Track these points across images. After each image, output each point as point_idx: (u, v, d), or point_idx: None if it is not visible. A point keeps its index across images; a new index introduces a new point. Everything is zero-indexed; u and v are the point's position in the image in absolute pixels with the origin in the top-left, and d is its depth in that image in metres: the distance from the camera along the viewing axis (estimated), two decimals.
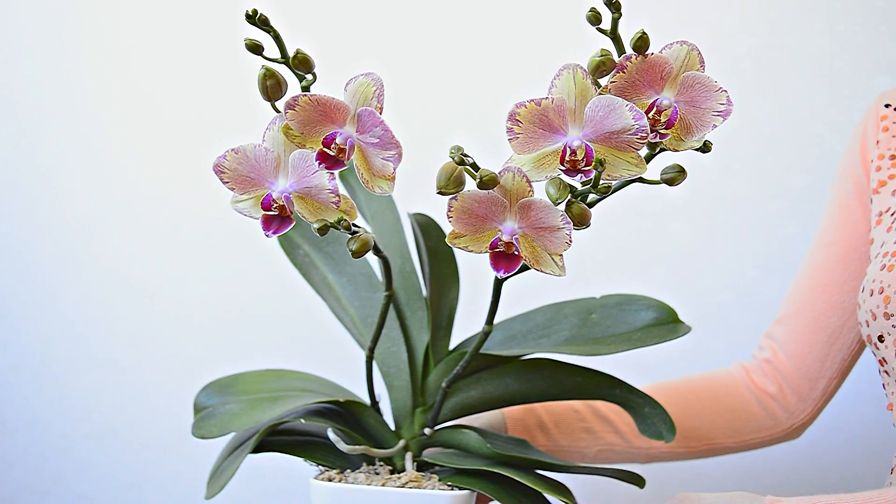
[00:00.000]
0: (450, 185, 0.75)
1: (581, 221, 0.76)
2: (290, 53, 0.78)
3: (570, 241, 0.75)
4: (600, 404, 1.10)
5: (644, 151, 0.76)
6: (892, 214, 0.99)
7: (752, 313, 1.39)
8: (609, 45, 0.76)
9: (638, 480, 0.97)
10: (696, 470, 1.41)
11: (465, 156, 0.75)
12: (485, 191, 0.76)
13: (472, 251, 0.79)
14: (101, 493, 1.50)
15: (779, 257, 1.41)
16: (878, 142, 1.05)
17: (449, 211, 0.77)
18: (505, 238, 0.76)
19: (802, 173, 1.41)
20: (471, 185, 0.77)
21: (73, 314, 1.50)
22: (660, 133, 0.75)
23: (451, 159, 0.75)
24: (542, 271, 0.79)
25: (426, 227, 1.05)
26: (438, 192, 0.75)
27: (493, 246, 0.77)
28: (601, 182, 0.75)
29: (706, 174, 1.43)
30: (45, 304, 1.50)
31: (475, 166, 0.75)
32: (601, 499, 1.36)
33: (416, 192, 1.12)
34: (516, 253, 0.77)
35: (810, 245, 1.12)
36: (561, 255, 0.78)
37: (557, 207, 0.75)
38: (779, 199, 1.42)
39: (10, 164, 1.50)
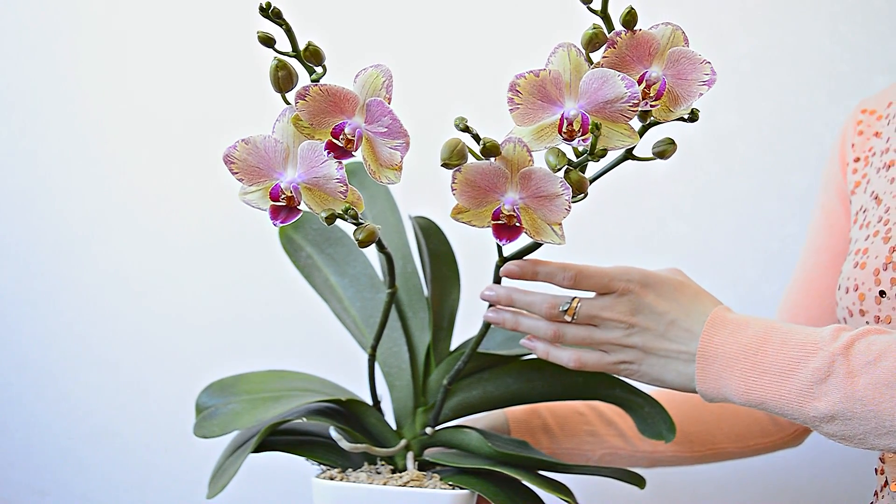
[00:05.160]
0: (453, 157, 0.78)
1: (579, 188, 0.79)
2: (302, 46, 0.79)
3: (569, 209, 0.78)
4: (604, 407, 1.10)
5: (637, 125, 0.80)
6: (865, 212, 1.00)
7: (752, 313, 1.39)
8: (601, 24, 0.79)
9: (638, 481, 0.97)
10: (697, 472, 1.41)
11: (469, 126, 0.78)
12: (487, 162, 0.79)
13: (474, 225, 0.82)
14: (101, 493, 1.50)
15: (779, 257, 1.41)
16: (853, 145, 1.07)
17: (453, 183, 0.79)
18: (507, 208, 0.79)
19: (802, 173, 1.41)
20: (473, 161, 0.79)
21: (73, 314, 1.50)
22: (649, 103, 0.80)
23: (455, 127, 0.78)
24: (542, 241, 0.81)
25: (427, 230, 1.05)
26: (442, 165, 0.78)
27: (495, 216, 0.80)
28: (597, 148, 0.78)
29: (706, 174, 1.43)
30: (45, 304, 1.50)
31: (477, 137, 0.78)
32: (602, 499, 1.37)
33: (417, 196, 1.12)
34: (518, 224, 0.79)
35: (801, 252, 1.13)
36: (560, 224, 0.80)
37: (557, 175, 0.78)
38: (779, 199, 1.42)
39: (10, 164, 1.50)
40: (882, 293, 0.90)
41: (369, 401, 0.99)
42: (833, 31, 1.40)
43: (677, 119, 0.81)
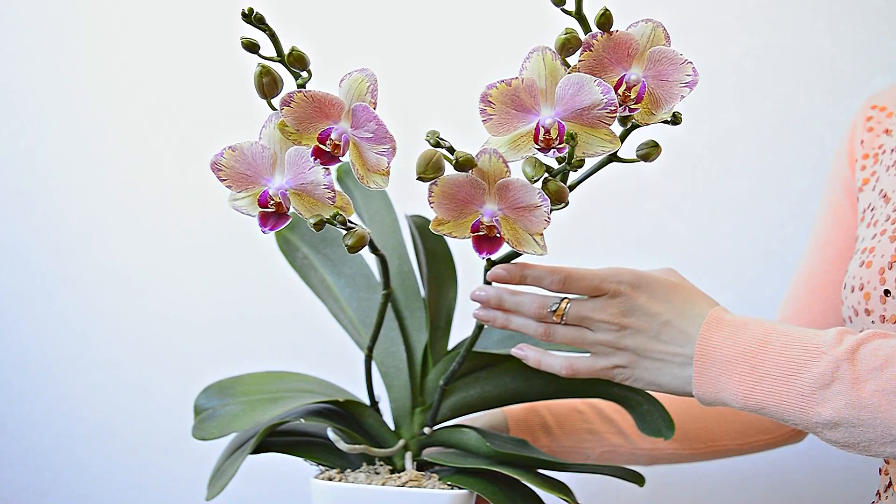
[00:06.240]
0: (428, 170, 0.76)
1: (558, 199, 0.77)
2: (286, 51, 0.78)
3: (549, 220, 0.77)
4: (603, 404, 1.10)
5: (618, 129, 0.78)
6: (872, 210, 0.99)
7: (752, 313, 1.39)
8: (577, 26, 0.78)
9: (638, 479, 0.97)
10: (697, 471, 1.41)
11: (441, 139, 0.76)
12: (464, 174, 0.77)
13: (455, 237, 0.80)
14: (101, 493, 1.50)
15: (779, 257, 1.41)
16: (862, 141, 1.06)
17: (430, 196, 0.78)
18: (485, 220, 0.78)
19: (802, 173, 1.41)
20: (451, 172, 0.78)
21: (72, 314, 1.50)
22: (629, 108, 0.77)
23: (426, 142, 0.76)
24: (523, 252, 0.80)
25: (423, 229, 1.05)
26: (418, 178, 0.77)
27: (474, 229, 0.78)
28: (575, 157, 0.76)
29: (706, 174, 1.43)
30: (45, 304, 1.50)
31: (451, 149, 0.76)
32: (602, 498, 1.36)
33: (413, 195, 1.12)
34: (498, 235, 0.78)
35: (805, 248, 1.12)
36: (541, 234, 0.78)
37: (534, 185, 0.76)
38: (779, 199, 1.42)
39: (10, 164, 1.50)
40: (887, 292, 0.89)
41: (367, 401, 0.99)
42: (833, 31, 1.40)
43: (659, 122, 0.79)
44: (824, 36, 1.40)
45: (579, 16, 0.77)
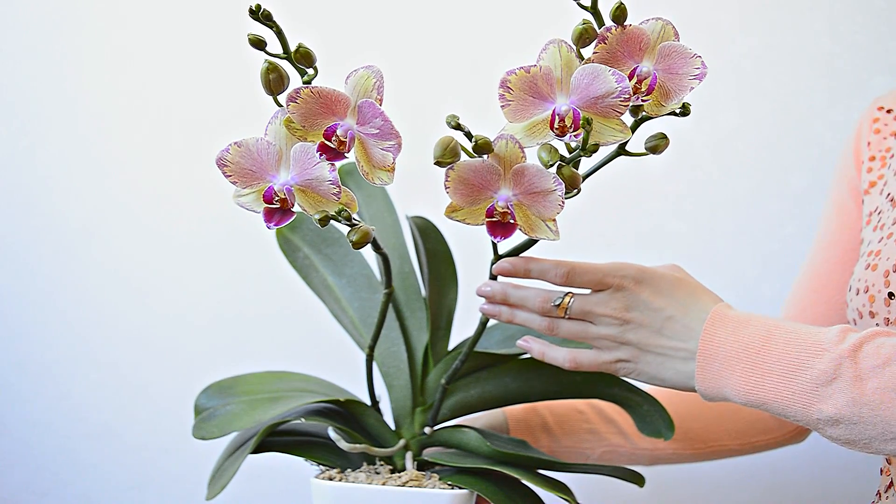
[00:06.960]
0: (446, 155, 0.78)
1: (572, 184, 0.79)
2: (292, 48, 0.78)
3: (563, 204, 0.78)
4: (604, 405, 1.10)
5: (629, 120, 0.80)
6: (879, 213, 0.99)
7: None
8: (591, 20, 0.80)
9: (638, 479, 0.97)
10: (698, 471, 1.41)
11: (461, 124, 0.78)
12: (480, 159, 0.79)
13: (469, 223, 0.81)
14: (101, 493, 1.50)
15: (779, 257, 1.41)
16: (869, 143, 1.06)
17: (446, 181, 0.79)
18: (500, 205, 0.79)
19: (802, 173, 1.41)
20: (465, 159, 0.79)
21: (73, 314, 1.50)
22: (641, 98, 0.80)
23: (447, 125, 0.78)
24: (536, 238, 0.81)
25: (425, 230, 1.05)
26: (435, 163, 0.78)
27: (488, 213, 0.80)
28: (589, 143, 0.78)
29: (706, 174, 1.43)
30: (45, 304, 1.50)
31: (469, 134, 0.78)
32: (602, 498, 1.36)
33: (414, 196, 1.12)
34: (511, 221, 0.79)
35: (810, 248, 1.12)
36: (554, 219, 0.80)
37: (549, 171, 0.77)
38: (779, 199, 1.42)
39: (10, 164, 1.50)
40: (891, 295, 0.89)
41: (368, 401, 0.99)
42: (833, 31, 1.40)
43: (669, 113, 0.81)
44: (824, 36, 1.40)
45: (594, 10, 0.79)
